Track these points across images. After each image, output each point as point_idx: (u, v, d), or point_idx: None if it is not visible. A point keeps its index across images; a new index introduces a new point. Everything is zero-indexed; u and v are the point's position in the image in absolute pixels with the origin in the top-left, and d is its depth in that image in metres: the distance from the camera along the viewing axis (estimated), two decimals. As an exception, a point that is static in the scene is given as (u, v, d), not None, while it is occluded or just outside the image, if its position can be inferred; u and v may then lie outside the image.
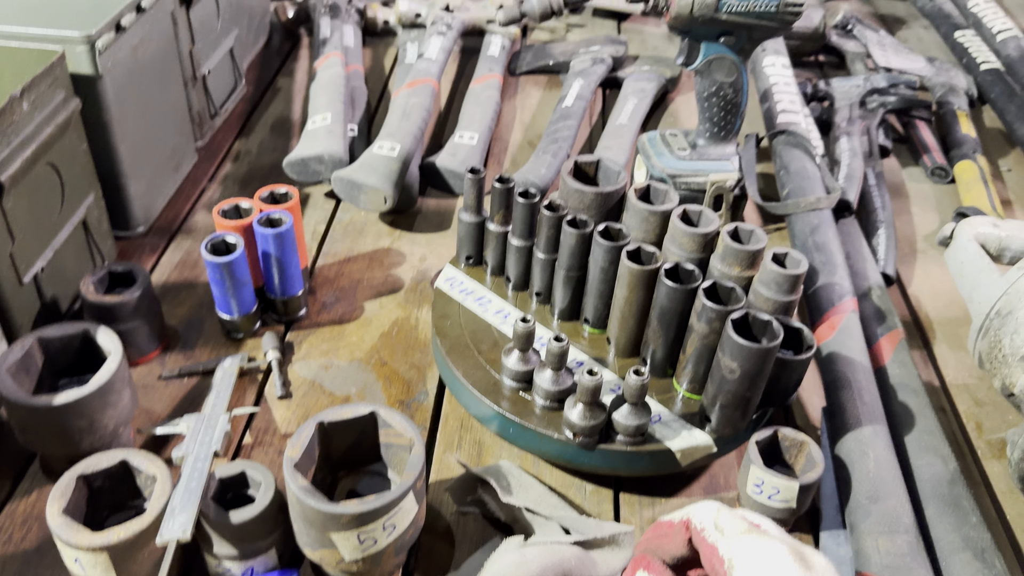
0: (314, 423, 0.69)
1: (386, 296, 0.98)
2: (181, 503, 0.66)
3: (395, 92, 1.24)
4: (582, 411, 0.71)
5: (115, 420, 0.74)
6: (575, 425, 0.71)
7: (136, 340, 0.86)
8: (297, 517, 0.67)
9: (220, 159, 1.21)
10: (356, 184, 1.03)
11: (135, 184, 1.01)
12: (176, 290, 0.97)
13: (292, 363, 0.88)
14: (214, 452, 0.72)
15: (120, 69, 0.95)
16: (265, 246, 0.86)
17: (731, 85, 0.98)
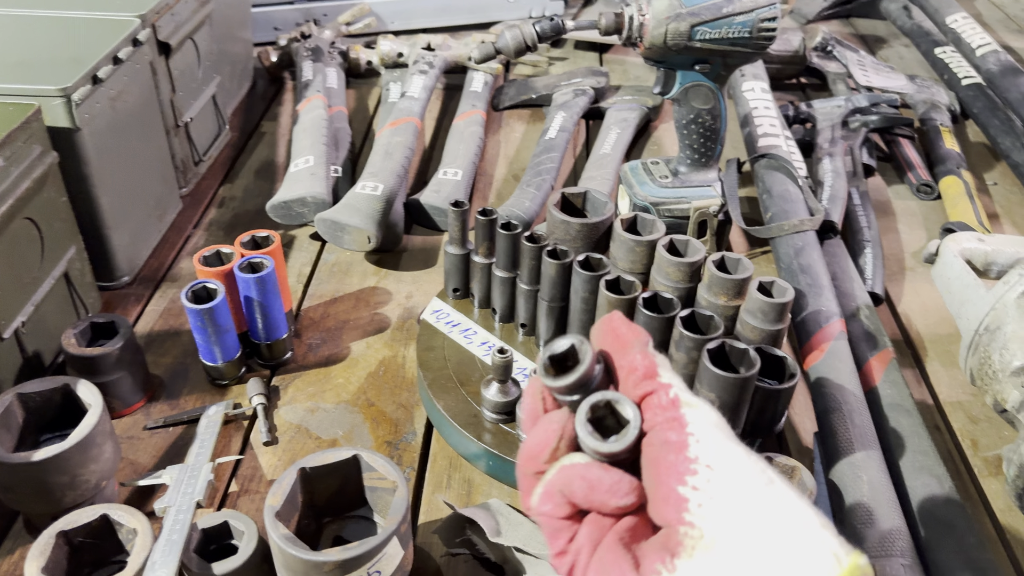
0: (295, 470, 0.68)
1: (372, 336, 0.97)
2: (162, 556, 0.65)
3: (378, 132, 1.24)
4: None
5: (97, 474, 0.74)
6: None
7: (120, 391, 0.85)
8: (280, 566, 0.65)
9: (205, 206, 1.21)
10: (339, 225, 1.03)
11: (118, 235, 1.01)
12: (161, 339, 0.97)
13: (278, 408, 0.88)
14: (197, 503, 0.71)
15: (99, 121, 0.96)
16: (247, 291, 0.85)
17: (709, 112, 0.98)
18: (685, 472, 0.34)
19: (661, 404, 0.36)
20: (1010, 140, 1.27)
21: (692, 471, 0.34)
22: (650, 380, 0.37)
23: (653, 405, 0.37)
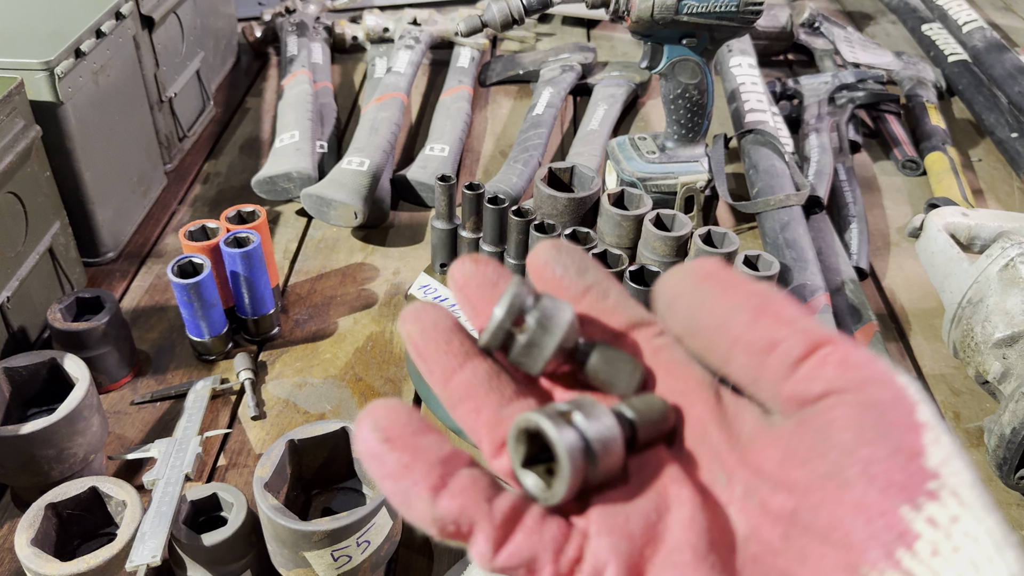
0: (284, 441, 0.68)
1: (360, 311, 0.97)
2: (151, 528, 0.65)
3: (364, 107, 1.24)
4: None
5: (85, 448, 0.74)
6: None
7: (106, 366, 0.85)
8: (270, 537, 0.66)
9: (190, 182, 1.20)
10: (325, 200, 1.03)
11: (103, 210, 1.01)
12: (147, 315, 0.96)
13: (265, 383, 0.88)
14: (185, 475, 0.71)
15: (82, 95, 0.95)
16: (233, 266, 0.85)
17: (696, 87, 0.98)
18: (918, 490, 0.22)
19: (850, 360, 0.24)
20: (995, 117, 1.28)
21: (930, 492, 0.21)
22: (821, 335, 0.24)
23: (832, 361, 0.24)
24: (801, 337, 0.24)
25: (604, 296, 0.29)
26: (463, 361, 0.27)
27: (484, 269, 0.29)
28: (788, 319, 0.25)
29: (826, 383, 0.24)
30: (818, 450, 0.23)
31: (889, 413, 0.23)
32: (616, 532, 0.24)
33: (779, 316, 0.25)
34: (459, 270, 0.29)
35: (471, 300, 0.29)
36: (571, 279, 0.29)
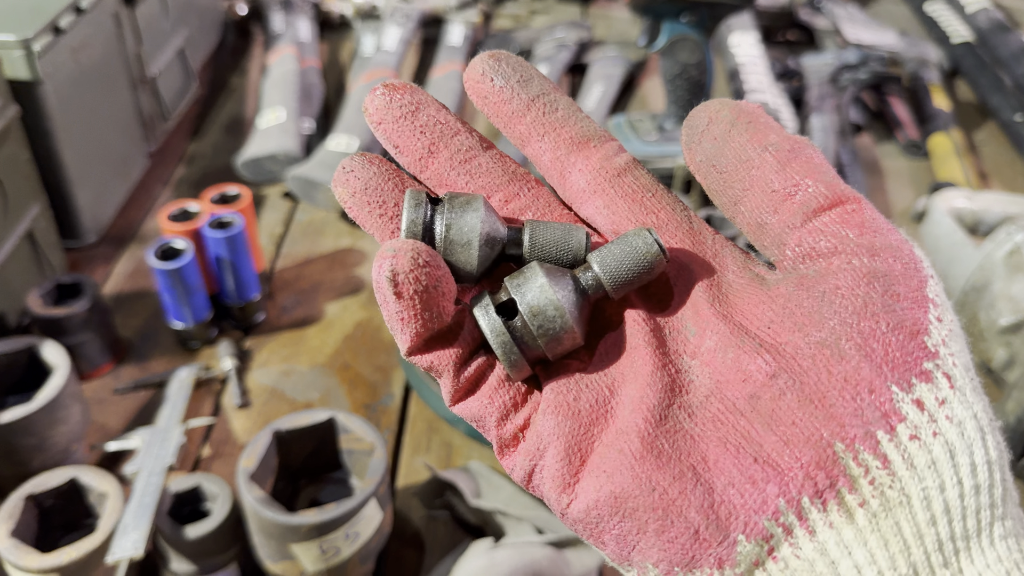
0: (270, 432, 0.66)
1: (348, 297, 0.95)
2: (133, 519, 0.63)
3: (351, 86, 1.21)
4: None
5: (66, 437, 0.71)
6: None
7: (87, 353, 0.82)
8: (255, 529, 0.64)
9: (173, 163, 1.17)
10: (312, 182, 1.00)
11: (83, 192, 0.98)
12: (130, 300, 0.94)
13: (251, 371, 0.85)
14: (168, 466, 0.69)
15: (61, 73, 0.92)
16: (216, 250, 0.82)
17: (695, 66, 0.96)
18: (913, 369, 0.21)
19: (869, 223, 0.23)
20: (999, 98, 1.25)
21: (925, 373, 0.21)
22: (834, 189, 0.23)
23: (852, 220, 0.23)
24: (826, 188, 0.23)
25: (552, 109, 0.27)
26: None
27: (400, 98, 0.27)
28: (818, 168, 0.23)
29: (838, 240, 0.22)
30: (816, 316, 0.22)
31: (898, 285, 0.22)
32: (562, 411, 0.24)
33: (809, 164, 0.23)
34: (372, 103, 0.27)
35: (391, 138, 0.27)
36: (512, 91, 0.27)
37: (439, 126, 0.27)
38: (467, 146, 0.27)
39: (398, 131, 0.27)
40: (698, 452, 0.22)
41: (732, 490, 0.21)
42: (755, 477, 0.21)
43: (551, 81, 0.27)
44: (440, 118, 0.27)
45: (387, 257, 0.23)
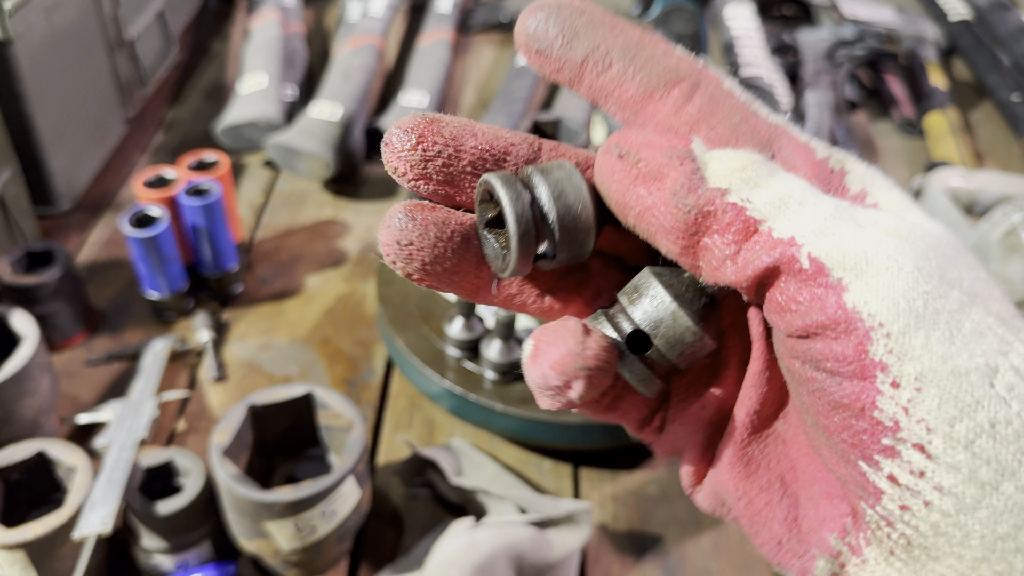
0: (244, 406, 0.64)
1: (330, 270, 0.92)
2: (102, 495, 0.61)
3: (336, 52, 1.18)
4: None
5: (34, 409, 0.69)
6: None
7: (58, 323, 0.80)
8: (229, 506, 0.62)
9: (152, 130, 1.14)
10: (294, 150, 0.97)
11: (57, 158, 0.95)
12: (104, 270, 0.91)
13: (228, 343, 0.83)
14: (140, 440, 0.67)
15: (34, 33, 0.88)
16: (193, 218, 0.80)
17: (690, 37, 0.93)
18: (872, 446, 0.20)
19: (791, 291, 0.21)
20: (996, 78, 1.24)
21: (888, 450, 0.20)
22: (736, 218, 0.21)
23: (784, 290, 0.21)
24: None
25: (603, 68, 0.24)
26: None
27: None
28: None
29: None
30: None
31: (826, 361, 0.21)
32: (691, 422, 0.25)
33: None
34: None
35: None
36: (559, 58, 0.24)
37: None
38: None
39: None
40: (788, 459, 0.23)
41: (811, 504, 0.22)
42: (831, 492, 0.22)
43: (603, 22, 0.24)
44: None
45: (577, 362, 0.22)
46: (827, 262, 0.20)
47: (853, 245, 0.20)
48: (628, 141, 0.22)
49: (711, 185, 0.21)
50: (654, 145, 0.22)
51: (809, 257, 0.20)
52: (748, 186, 0.21)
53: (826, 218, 0.21)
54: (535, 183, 0.22)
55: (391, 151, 0.23)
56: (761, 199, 0.21)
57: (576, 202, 0.22)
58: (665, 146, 0.22)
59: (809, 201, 0.21)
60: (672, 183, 0.21)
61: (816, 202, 0.21)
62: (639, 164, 0.22)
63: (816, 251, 0.20)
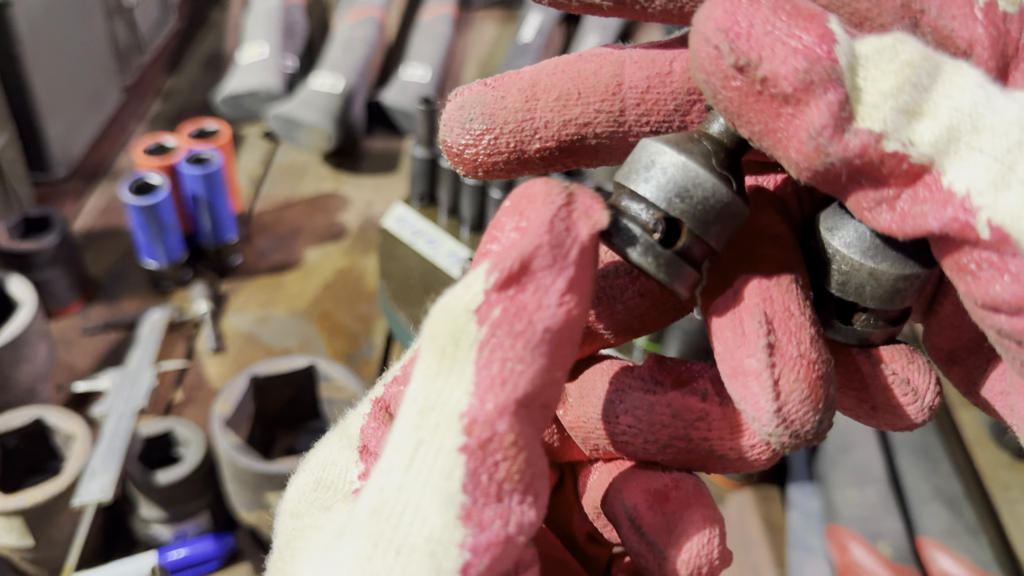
0: (246, 377, 0.64)
1: (329, 244, 0.92)
2: (102, 463, 0.60)
3: (337, 25, 1.16)
4: None
5: (31, 376, 0.68)
6: None
7: (54, 290, 0.79)
8: (230, 477, 0.62)
9: (149, 98, 1.12)
10: (295, 122, 0.96)
11: (54, 124, 0.93)
12: (101, 238, 0.90)
13: (226, 315, 0.82)
14: (139, 409, 0.67)
15: (31, -5, 0.87)
16: (193, 187, 0.79)
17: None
18: None
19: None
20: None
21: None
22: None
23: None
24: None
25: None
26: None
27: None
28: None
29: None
30: None
31: None
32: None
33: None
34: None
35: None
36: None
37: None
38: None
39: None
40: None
41: (1016, 392, 0.20)
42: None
43: None
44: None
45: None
46: (1013, 230, 0.16)
47: None
48: (740, 34, 0.16)
49: (861, 125, 0.16)
50: (780, 44, 0.16)
51: (989, 225, 0.16)
52: (907, 118, 0.16)
53: (1009, 150, 0.16)
54: (628, 203, 0.18)
55: (451, 150, 0.21)
56: (926, 136, 0.16)
57: (701, 199, 0.18)
58: (799, 49, 0.16)
59: (986, 120, 0.16)
60: (811, 119, 0.16)
61: (995, 120, 0.16)
62: (765, 82, 0.16)
63: (999, 217, 0.16)
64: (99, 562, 0.62)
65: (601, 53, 0.21)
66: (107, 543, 0.65)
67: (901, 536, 0.62)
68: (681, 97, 0.20)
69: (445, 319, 0.17)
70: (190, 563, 0.63)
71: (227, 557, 0.64)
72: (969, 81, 0.16)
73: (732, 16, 0.17)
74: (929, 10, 0.18)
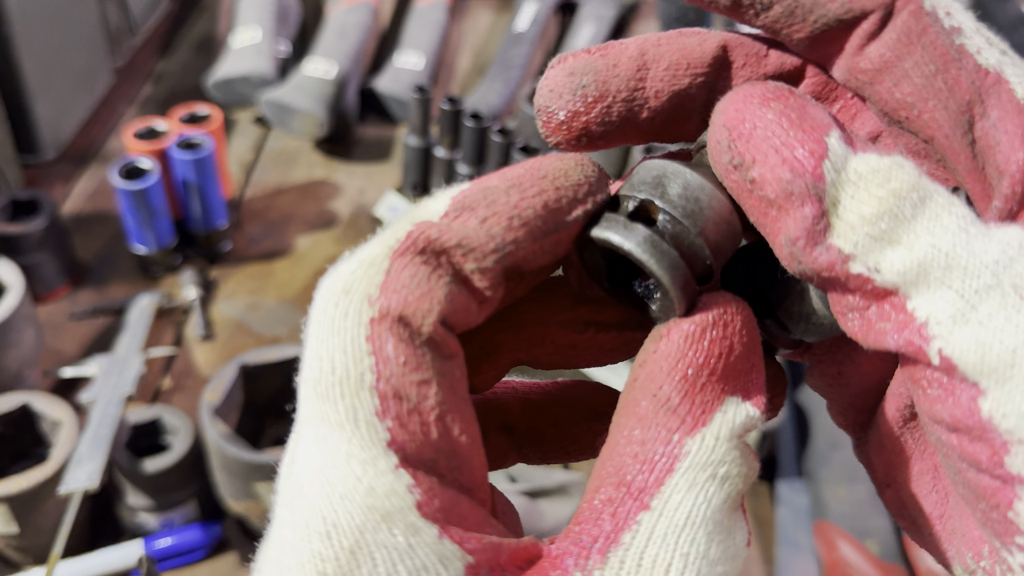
0: (236, 365, 0.64)
1: (320, 231, 0.91)
2: (89, 450, 0.60)
3: (331, 10, 1.15)
4: None
5: (18, 361, 0.68)
6: None
7: (42, 274, 0.78)
8: (218, 466, 0.61)
9: (140, 81, 1.11)
10: (287, 107, 0.96)
11: (43, 105, 0.92)
12: (90, 222, 0.89)
13: (215, 302, 0.82)
14: (127, 396, 0.66)
15: (21, -27, 0.86)
16: (183, 172, 0.78)
17: (696, 10, 0.92)
18: (1007, 537, 0.18)
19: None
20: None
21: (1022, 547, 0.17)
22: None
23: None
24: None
25: (764, 8, 0.20)
26: None
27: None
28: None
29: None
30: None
31: (972, 457, 0.18)
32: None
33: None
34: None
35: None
36: None
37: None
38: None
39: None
40: None
41: (958, 510, 0.20)
42: (967, 512, 0.20)
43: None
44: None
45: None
46: (960, 363, 0.17)
47: (1002, 339, 0.16)
48: (741, 138, 0.18)
49: (833, 242, 0.17)
50: (774, 152, 0.17)
51: (940, 355, 0.17)
52: (880, 245, 0.17)
53: (977, 291, 0.17)
54: (636, 210, 0.19)
55: (554, 116, 0.21)
56: (894, 266, 0.17)
57: (705, 211, 0.18)
58: (787, 160, 0.17)
59: (960, 260, 0.17)
60: (788, 229, 0.17)
61: (969, 261, 0.17)
62: (753, 183, 0.18)
63: (949, 348, 0.17)
64: (85, 550, 0.62)
65: (699, 31, 0.21)
66: (93, 531, 0.65)
67: (889, 533, 0.62)
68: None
69: None
70: (177, 552, 0.62)
71: (214, 547, 0.64)
72: (953, 221, 0.17)
73: (740, 116, 0.18)
74: (988, 116, 0.18)
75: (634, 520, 0.17)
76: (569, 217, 0.19)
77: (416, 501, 0.16)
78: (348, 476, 0.16)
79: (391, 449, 0.16)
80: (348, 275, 0.17)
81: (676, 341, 0.18)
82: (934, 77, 0.18)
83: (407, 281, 0.17)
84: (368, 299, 0.17)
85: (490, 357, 0.22)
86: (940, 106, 0.19)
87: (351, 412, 0.16)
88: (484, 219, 0.18)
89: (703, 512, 0.17)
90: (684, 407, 0.17)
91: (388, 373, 0.16)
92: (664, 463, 0.17)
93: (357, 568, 0.15)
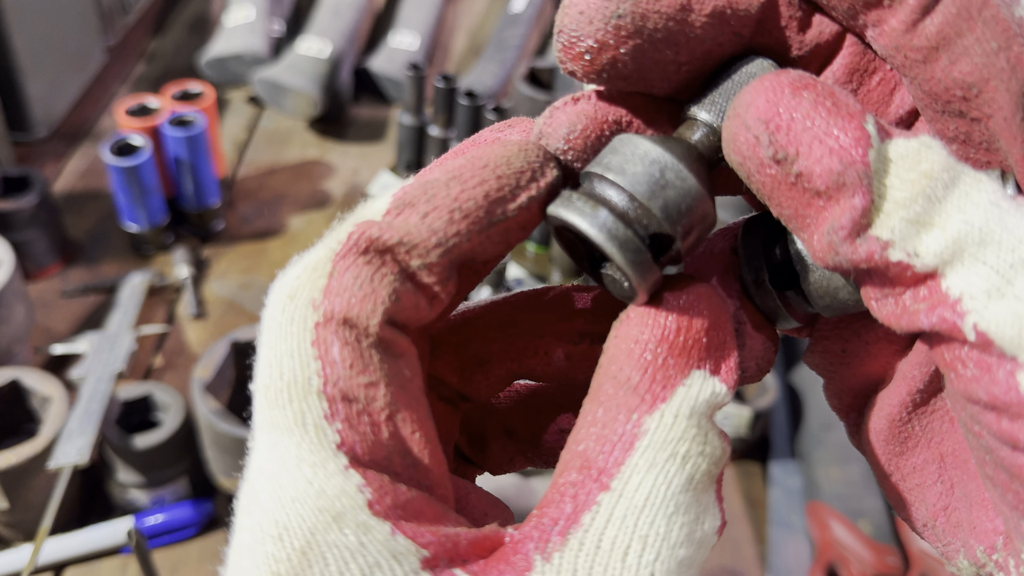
0: (227, 342, 0.63)
1: (314, 211, 0.91)
2: (79, 425, 0.59)
3: (327, -9, 1.14)
4: None
5: (8, 337, 0.67)
6: None
7: (33, 251, 0.78)
8: (209, 443, 0.61)
9: (133, 60, 1.10)
10: (281, 86, 0.95)
11: (34, 82, 0.91)
12: (81, 200, 0.88)
13: (207, 280, 0.81)
14: (118, 372, 0.66)
15: (11, -52, 0.85)
16: (175, 149, 0.78)
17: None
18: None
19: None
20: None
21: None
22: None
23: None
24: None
25: None
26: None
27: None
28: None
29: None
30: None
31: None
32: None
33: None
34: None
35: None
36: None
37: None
38: None
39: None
40: (952, 440, 0.21)
41: (965, 501, 0.20)
42: (987, 501, 0.19)
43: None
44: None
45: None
46: (997, 337, 0.16)
47: None
48: (780, 127, 0.17)
49: (874, 233, 0.17)
50: (818, 143, 0.16)
51: (975, 330, 0.16)
52: (916, 229, 0.17)
53: (1012, 265, 0.16)
54: (601, 188, 0.18)
55: (578, 44, 0.18)
56: (931, 248, 0.16)
57: (670, 190, 0.18)
58: (835, 150, 0.16)
59: (994, 235, 0.16)
60: (835, 217, 0.17)
61: (1003, 236, 0.16)
62: (800, 177, 0.17)
63: (985, 323, 0.16)
64: (75, 526, 0.61)
65: None
66: (83, 507, 0.64)
67: (881, 514, 0.62)
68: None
69: None
70: (167, 529, 0.62)
71: (205, 523, 0.64)
72: (984, 197, 0.17)
73: (774, 107, 0.17)
74: None
75: (594, 501, 0.17)
76: (512, 205, 0.18)
77: (367, 500, 0.16)
78: (299, 480, 0.16)
79: (341, 451, 0.16)
80: (293, 280, 0.18)
81: (635, 322, 0.18)
82: (996, 55, 0.17)
83: (350, 283, 0.17)
84: (312, 303, 0.17)
85: (483, 366, 0.22)
86: (1002, 87, 0.17)
87: (299, 417, 0.16)
88: (425, 214, 0.18)
89: (662, 493, 0.17)
90: (644, 385, 0.17)
91: (335, 376, 0.16)
92: (624, 442, 0.17)
93: (309, 568, 0.16)
